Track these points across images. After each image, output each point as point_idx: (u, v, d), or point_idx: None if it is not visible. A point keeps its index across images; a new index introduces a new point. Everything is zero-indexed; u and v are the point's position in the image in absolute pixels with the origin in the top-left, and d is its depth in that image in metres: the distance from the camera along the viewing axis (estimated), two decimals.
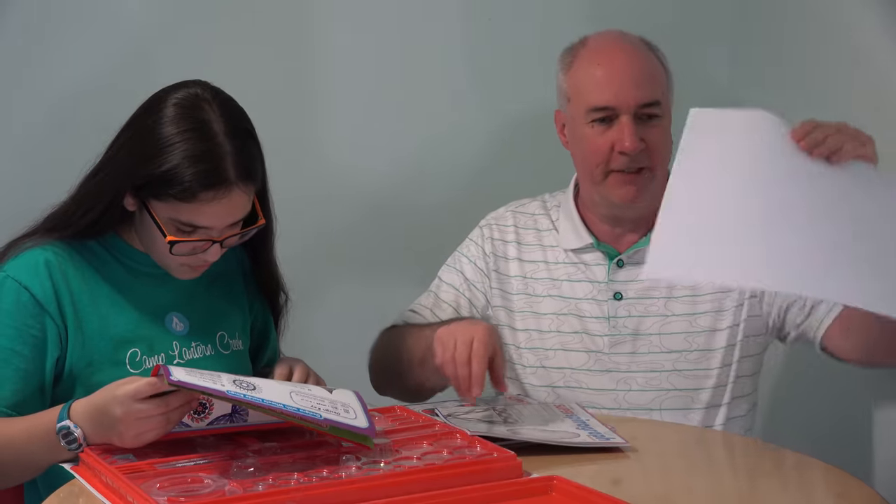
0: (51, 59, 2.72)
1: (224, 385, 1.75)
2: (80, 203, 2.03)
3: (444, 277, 2.39)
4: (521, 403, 2.16)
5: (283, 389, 1.83)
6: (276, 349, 2.26)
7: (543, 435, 1.93)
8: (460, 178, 2.96)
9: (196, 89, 1.99)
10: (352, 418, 1.79)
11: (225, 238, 2.00)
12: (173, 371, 1.74)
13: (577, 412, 2.08)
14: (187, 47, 2.70)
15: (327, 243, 2.91)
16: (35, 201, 2.08)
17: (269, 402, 1.75)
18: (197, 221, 1.96)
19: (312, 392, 1.85)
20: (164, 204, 1.96)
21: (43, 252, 2.01)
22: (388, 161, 2.93)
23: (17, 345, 1.97)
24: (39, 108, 2.73)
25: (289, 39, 2.87)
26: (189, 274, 2.06)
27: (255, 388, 1.78)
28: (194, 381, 1.73)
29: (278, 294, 2.23)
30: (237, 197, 1.96)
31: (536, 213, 2.37)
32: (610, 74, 2.22)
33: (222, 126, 1.96)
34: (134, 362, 2.02)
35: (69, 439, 1.82)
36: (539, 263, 2.32)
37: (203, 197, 1.94)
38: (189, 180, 1.92)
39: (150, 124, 1.97)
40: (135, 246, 2.08)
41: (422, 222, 2.93)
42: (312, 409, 1.77)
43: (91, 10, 2.73)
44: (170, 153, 1.94)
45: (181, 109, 1.96)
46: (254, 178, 1.99)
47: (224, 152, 1.94)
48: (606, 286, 2.26)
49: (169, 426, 1.79)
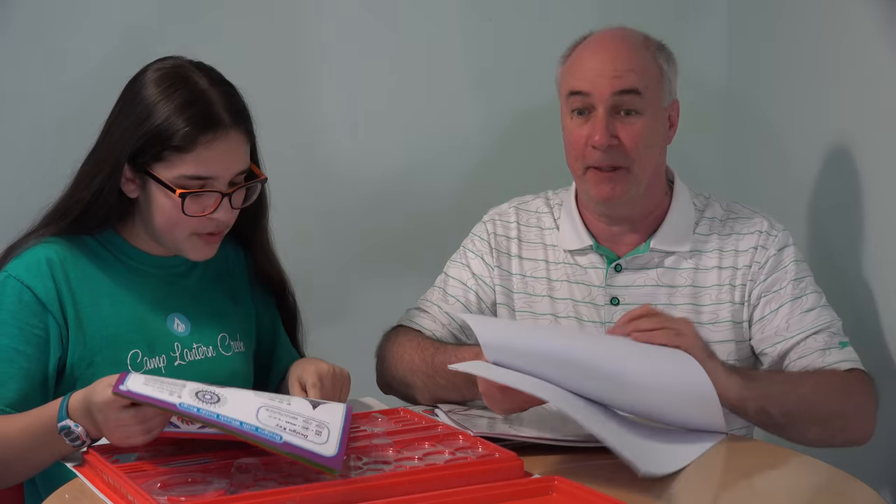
0: (50, 60, 2.72)
1: (181, 397, 1.70)
2: (76, 185, 2.04)
3: (450, 272, 2.35)
4: None
5: (252, 404, 1.74)
6: (293, 352, 2.24)
7: (543, 433, 1.93)
8: (463, 176, 2.96)
9: (172, 59, 2.04)
10: (320, 443, 1.68)
11: (232, 192, 2.00)
12: (128, 381, 1.72)
13: None
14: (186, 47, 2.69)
15: (329, 240, 2.91)
16: (35, 202, 2.08)
17: (224, 418, 1.68)
18: (202, 171, 1.97)
19: (290, 408, 1.77)
20: (167, 163, 1.97)
21: (45, 250, 2.01)
22: (390, 158, 2.94)
23: (21, 344, 1.98)
24: (38, 108, 2.72)
25: (289, 38, 2.87)
26: (202, 250, 2.05)
27: (218, 400, 1.72)
28: (146, 393, 1.70)
29: (284, 293, 2.22)
30: (235, 140, 1.99)
31: (539, 211, 2.34)
32: (591, 60, 2.19)
33: (205, 80, 2.00)
34: (135, 363, 2.02)
35: (72, 437, 1.82)
36: (539, 262, 2.30)
37: (202, 140, 1.95)
38: (185, 127, 1.95)
39: (134, 93, 2.01)
40: (136, 245, 2.08)
41: (425, 219, 2.93)
42: (275, 429, 1.68)
43: (89, 11, 2.73)
44: (160, 108, 1.97)
45: (161, 72, 2.01)
46: (247, 124, 2.02)
47: (212, 97, 1.98)
48: (604, 291, 2.24)
49: (150, 434, 1.77)
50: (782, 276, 2.20)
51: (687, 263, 2.23)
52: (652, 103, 2.19)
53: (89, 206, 2.02)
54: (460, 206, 2.85)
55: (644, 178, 2.19)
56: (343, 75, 2.90)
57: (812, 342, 2.13)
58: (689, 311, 2.20)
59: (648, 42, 2.23)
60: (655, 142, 2.20)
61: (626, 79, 2.16)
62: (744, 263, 2.21)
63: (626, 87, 2.16)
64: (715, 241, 2.24)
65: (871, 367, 2.31)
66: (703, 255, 2.23)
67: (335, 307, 2.91)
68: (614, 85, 2.16)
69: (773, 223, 2.25)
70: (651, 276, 2.23)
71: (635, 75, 2.17)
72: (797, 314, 2.16)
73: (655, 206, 2.25)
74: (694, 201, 2.28)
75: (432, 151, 2.96)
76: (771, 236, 2.22)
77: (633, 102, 2.16)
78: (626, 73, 2.16)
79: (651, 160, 2.19)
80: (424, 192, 2.95)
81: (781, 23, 2.82)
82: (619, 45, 2.20)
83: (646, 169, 2.19)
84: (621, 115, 2.17)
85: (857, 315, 2.43)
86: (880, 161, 2.40)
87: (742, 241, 2.23)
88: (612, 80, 2.16)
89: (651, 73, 2.19)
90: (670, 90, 2.23)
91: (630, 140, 2.16)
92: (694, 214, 2.26)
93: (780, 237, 2.23)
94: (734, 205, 2.30)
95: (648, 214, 2.24)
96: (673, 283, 2.22)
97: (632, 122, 2.17)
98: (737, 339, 2.20)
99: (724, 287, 2.21)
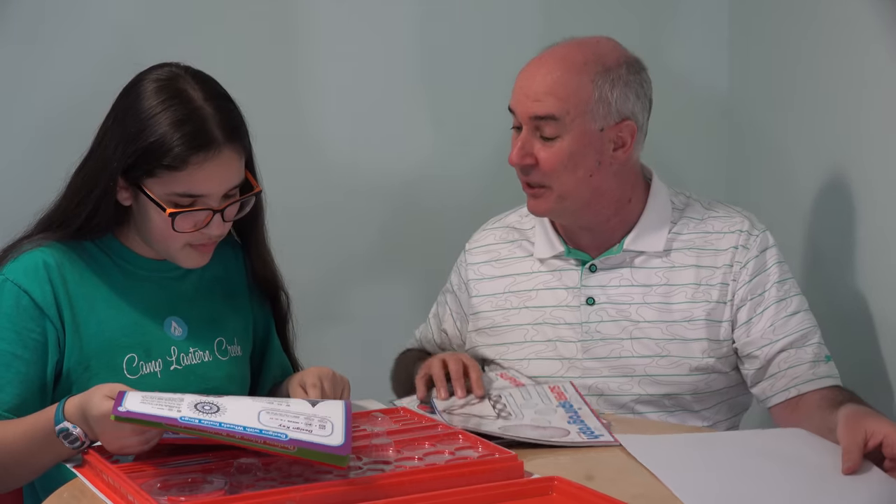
0: (47, 64, 2.72)
1: (181, 411, 1.69)
2: (71, 197, 2.03)
3: (439, 307, 2.45)
4: (515, 386, 2.17)
5: (252, 409, 1.74)
6: (283, 357, 2.24)
7: (535, 433, 1.95)
8: (463, 177, 2.97)
9: (168, 67, 2.02)
10: (325, 435, 1.68)
11: (225, 207, 1.99)
12: (126, 401, 1.70)
13: (571, 398, 2.10)
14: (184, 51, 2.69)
15: (325, 241, 2.92)
16: (31, 205, 2.08)
17: (227, 426, 1.67)
18: (193, 190, 1.96)
19: (290, 408, 1.77)
20: (158, 179, 1.96)
21: (42, 254, 2.01)
22: (388, 160, 2.94)
23: (18, 348, 1.97)
24: (35, 112, 2.73)
25: (286, 38, 2.87)
26: (195, 259, 2.04)
27: (218, 409, 1.72)
28: (146, 411, 1.69)
29: (278, 294, 2.22)
30: (228, 158, 1.97)
31: (513, 225, 2.37)
32: (520, 80, 2.20)
33: (200, 93, 1.98)
34: (131, 367, 2.02)
35: (70, 439, 1.81)
36: (516, 276, 2.32)
37: (194, 160, 1.94)
38: (177, 146, 1.93)
39: (129, 104, 1.99)
40: (133, 249, 2.07)
41: (429, 226, 2.94)
42: (279, 429, 1.67)
43: (85, 14, 2.74)
44: (154, 125, 1.95)
45: (157, 84, 1.99)
46: (241, 140, 2.00)
47: (206, 114, 1.96)
48: (579, 291, 2.24)
49: (148, 444, 1.76)
50: (765, 278, 2.20)
51: (661, 262, 2.23)
52: (575, 127, 2.16)
53: (87, 221, 2.02)
54: (459, 207, 2.86)
55: (569, 196, 2.18)
56: (340, 75, 2.90)
57: (802, 353, 2.15)
58: (661, 309, 2.21)
59: (591, 63, 2.17)
60: (580, 164, 2.17)
61: (543, 103, 2.15)
62: (724, 262, 2.21)
63: (540, 114, 2.16)
64: (693, 239, 2.24)
65: (864, 372, 2.32)
66: (680, 253, 2.23)
67: (333, 309, 2.91)
68: (531, 109, 2.16)
69: (754, 223, 2.25)
70: (625, 276, 2.23)
71: (554, 100, 2.15)
72: (781, 317, 2.17)
73: (610, 215, 2.24)
74: (673, 200, 2.28)
75: (431, 152, 2.96)
76: (752, 236, 2.22)
77: (550, 128, 2.16)
78: (545, 97, 2.15)
79: (574, 181, 2.18)
80: (423, 193, 2.95)
81: (782, 28, 2.82)
82: (546, 67, 2.18)
83: (568, 188, 2.18)
84: (540, 137, 2.17)
85: (853, 320, 2.43)
86: (880, 167, 2.40)
87: (722, 239, 2.23)
88: (530, 104, 2.16)
89: (577, 97, 2.15)
90: (611, 112, 2.17)
91: (546, 162, 2.17)
92: (671, 214, 2.26)
93: (761, 238, 2.23)
94: (715, 203, 2.30)
95: (606, 221, 2.24)
96: (647, 283, 2.22)
97: (550, 146, 2.17)
98: (711, 337, 2.19)
99: (701, 286, 2.21)
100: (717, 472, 1.85)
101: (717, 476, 1.83)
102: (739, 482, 1.81)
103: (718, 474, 1.84)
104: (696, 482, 1.78)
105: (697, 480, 1.80)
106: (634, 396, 2.20)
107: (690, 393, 2.20)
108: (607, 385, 2.20)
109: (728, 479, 1.82)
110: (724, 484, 1.80)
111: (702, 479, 1.81)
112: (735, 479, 1.82)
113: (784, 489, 1.78)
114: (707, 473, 1.84)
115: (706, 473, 1.84)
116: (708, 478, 1.82)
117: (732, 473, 1.85)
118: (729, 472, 1.86)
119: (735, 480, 1.81)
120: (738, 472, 1.85)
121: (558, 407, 2.07)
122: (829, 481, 1.80)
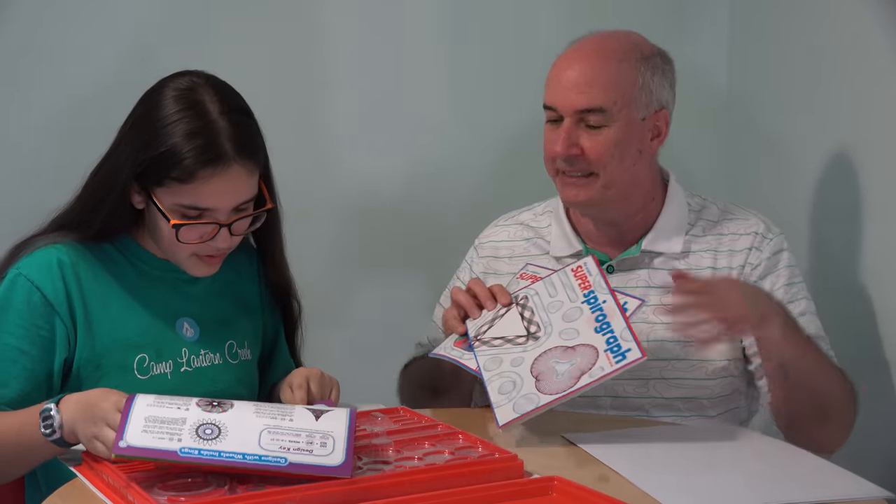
0: (53, 62, 2.72)
1: (182, 440, 1.68)
2: (86, 200, 2.03)
3: (444, 304, 2.39)
4: (538, 281, 2.14)
5: (254, 429, 1.72)
6: (289, 363, 2.22)
7: (565, 383, 1.94)
8: (470, 181, 2.97)
9: (190, 76, 2.01)
10: (326, 454, 1.69)
11: (233, 222, 1.99)
12: (126, 435, 1.68)
13: (595, 284, 2.07)
14: (193, 50, 2.70)
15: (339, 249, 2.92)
16: (40, 204, 2.07)
17: (226, 455, 1.67)
18: (200, 203, 1.95)
19: (293, 424, 1.75)
20: (167, 189, 1.95)
21: (56, 251, 2.01)
22: (400, 166, 2.94)
23: (26, 344, 1.97)
24: (43, 110, 2.73)
25: (297, 40, 2.88)
26: (202, 268, 2.04)
27: (219, 433, 1.71)
28: (146, 444, 1.68)
29: (290, 302, 2.21)
30: (237, 174, 1.95)
31: (527, 223, 2.36)
32: (557, 76, 2.19)
33: (217, 106, 1.96)
34: (141, 368, 2.02)
35: (46, 423, 1.81)
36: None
37: (202, 175, 1.93)
38: (186, 159, 1.92)
39: (147, 111, 1.98)
40: (149, 249, 2.07)
41: (434, 226, 2.94)
42: (279, 452, 1.68)
43: (93, 12, 2.74)
44: (166, 134, 1.94)
45: (176, 93, 1.97)
46: (254, 156, 1.98)
47: (219, 128, 1.95)
48: None
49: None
50: (775, 279, 2.20)
51: (679, 264, 2.23)
52: (622, 116, 2.17)
53: (105, 225, 2.02)
54: (466, 211, 2.86)
55: (614, 185, 2.18)
56: (353, 78, 2.90)
57: None
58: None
59: (630, 51, 2.19)
60: (626, 152, 2.18)
61: (588, 95, 2.15)
62: (738, 263, 2.22)
63: (586, 107, 2.16)
64: (710, 241, 2.24)
65: (870, 371, 2.32)
66: (697, 256, 2.23)
67: (338, 312, 2.91)
68: (576, 103, 2.16)
69: (769, 226, 2.25)
70: (642, 277, 2.23)
71: (599, 91, 2.15)
72: None
73: (638, 210, 2.24)
74: (689, 202, 2.28)
75: (438, 156, 2.96)
76: (766, 239, 2.23)
77: (597, 119, 2.16)
78: (589, 90, 2.15)
79: (621, 170, 2.18)
80: (430, 197, 2.95)
81: (782, 25, 2.82)
82: (588, 58, 2.18)
83: (614, 177, 2.18)
84: (586, 126, 2.17)
85: (855, 319, 2.43)
86: (881, 165, 2.40)
87: (738, 241, 2.23)
88: (574, 98, 2.16)
89: (622, 86, 2.17)
90: (652, 101, 2.20)
91: (593, 151, 2.16)
92: (688, 216, 2.26)
93: (775, 241, 2.23)
94: (731, 206, 2.30)
95: (632, 217, 2.24)
96: (664, 284, 2.22)
97: (597, 134, 2.16)
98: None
99: None
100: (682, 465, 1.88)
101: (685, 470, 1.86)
102: (705, 474, 1.85)
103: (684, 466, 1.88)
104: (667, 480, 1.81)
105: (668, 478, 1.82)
106: (649, 400, 2.20)
107: (706, 397, 2.20)
108: (623, 388, 2.19)
109: (694, 471, 1.86)
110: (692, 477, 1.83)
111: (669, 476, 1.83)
112: (700, 471, 1.86)
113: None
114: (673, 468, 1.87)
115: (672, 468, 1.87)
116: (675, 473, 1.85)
117: (696, 466, 1.89)
118: (693, 464, 1.89)
119: (700, 472, 1.86)
120: (698, 464, 1.90)
121: (583, 303, 2.04)
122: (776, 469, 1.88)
